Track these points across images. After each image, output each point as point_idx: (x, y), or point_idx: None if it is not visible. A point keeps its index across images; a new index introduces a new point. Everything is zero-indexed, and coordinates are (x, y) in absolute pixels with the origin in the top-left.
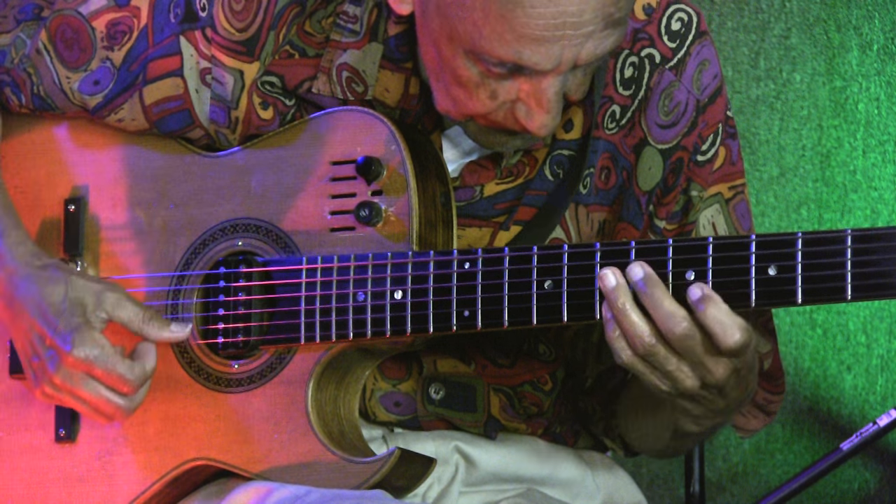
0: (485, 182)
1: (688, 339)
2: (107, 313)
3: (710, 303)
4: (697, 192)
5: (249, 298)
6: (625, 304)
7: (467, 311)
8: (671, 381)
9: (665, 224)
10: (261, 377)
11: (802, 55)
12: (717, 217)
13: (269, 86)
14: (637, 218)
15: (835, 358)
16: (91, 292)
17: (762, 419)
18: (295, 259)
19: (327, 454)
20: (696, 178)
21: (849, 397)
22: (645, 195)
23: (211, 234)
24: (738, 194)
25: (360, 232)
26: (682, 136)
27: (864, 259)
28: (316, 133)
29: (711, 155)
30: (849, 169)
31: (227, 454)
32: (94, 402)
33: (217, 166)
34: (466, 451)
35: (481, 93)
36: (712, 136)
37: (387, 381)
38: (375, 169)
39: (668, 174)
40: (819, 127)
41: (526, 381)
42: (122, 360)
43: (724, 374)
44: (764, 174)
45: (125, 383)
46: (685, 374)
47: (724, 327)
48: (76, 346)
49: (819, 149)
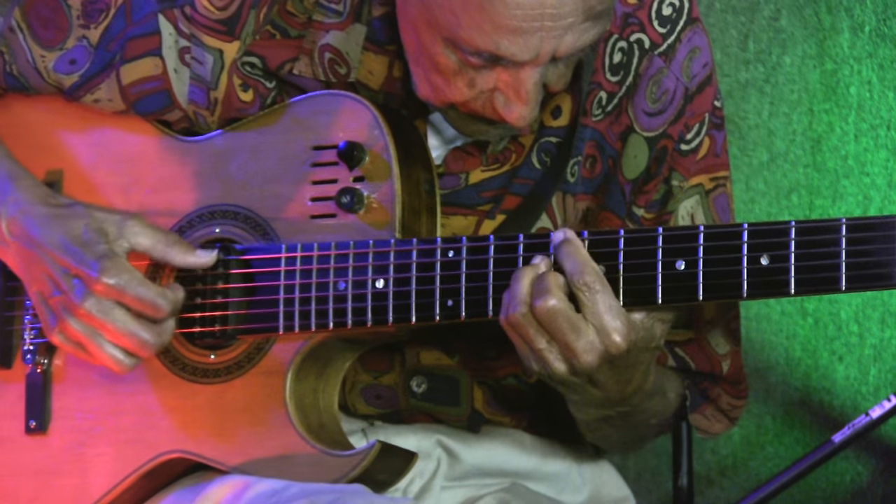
0: (470, 169)
1: (555, 316)
2: (128, 241)
3: (570, 246)
4: (678, 182)
5: (227, 287)
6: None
7: (451, 300)
8: (541, 362)
9: (643, 213)
10: (238, 368)
11: (793, 37)
12: (697, 209)
13: (249, 67)
14: (620, 206)
15: (826, 348)
16: (112, 221)
17: (725, 424)
18: (274, 247)
19: (306, 447)
20: (678, 168)
21: (841, 388)
22: (629, 183)
23: (188, 220)
24: (719, 187)
25: (341, 219)
26: (668, 125)
27: (858, 249)
28: (297, 117)
29: (696, 145)
30: (840, 154)
31: (204, 447)
32: (121, 335)
33: (195, 151)
34: (449, 444)
35: (459, 81)
36: (698, 125)
37: (368, 374)
38: (358, 154)
39: (651, 162)
40: (810, 111)
41: (511, 373)
42: (152, 284)
43: (592, 362)
44: (753, 160)
45: (158, 308)
46: (554, 355)
47: (578, 265)
48: (105, 272)
49: (810, 133)
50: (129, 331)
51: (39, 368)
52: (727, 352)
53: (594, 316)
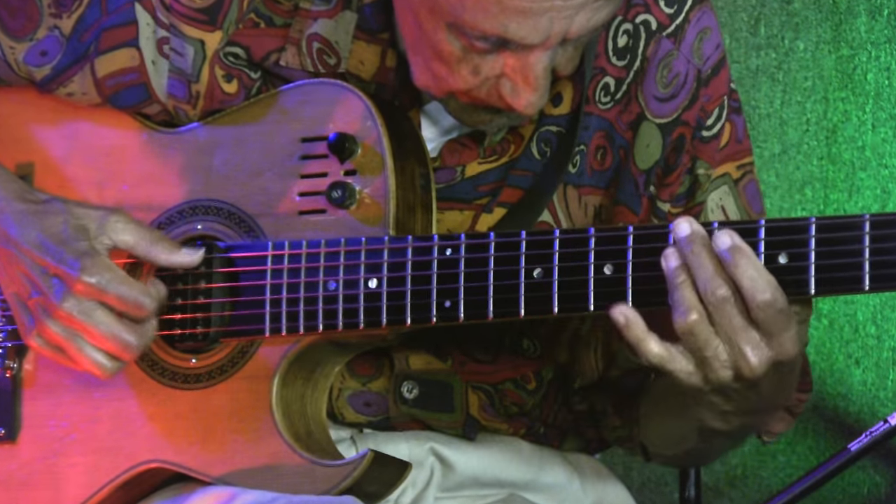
0: (466, 162)
1: (726, 303)
2: (110, 238)
3: (740, 254)
4: (704, 170)
5: (210, 287)
6: (701, 252)
7: (449, 301)
8: (705, 370)
9: (670, 207)
10: (221, 372)
11: (806, 21)
12: (727, 199)
13: (232, 58)
14: (633, 199)
15: (842, 351)
16: (93, 217)
17: (787, 421)
18: (260, 244)
19: (294, 456)
20: (701, 156)
21: (857, 393)
22: (642, 174)
23: (168, 216)
24: (746, 174)
25: (331, 215)
26: (682, 110)
27: (883, 246)
28: (284, 108)
29: (717, 130)
30: (857, 145)
31: (184, 456)
32: (103, 337)
33: (175, 143)
34: (443, 453)
35: (463, 68)
36: (717, 109)
37: (356, 379)
38: (349, 147)
39: (669, 153)
40: (824, 99)
41: (507, 378)
42: (135, 282)
43: (761, 366)
44: (765, 151)
45: (141, 306)
46: (721, 362)
47: (754, 282)
48: (85, 271)
49: (824, 123)
50: (112, 332)
51: (8, 373)
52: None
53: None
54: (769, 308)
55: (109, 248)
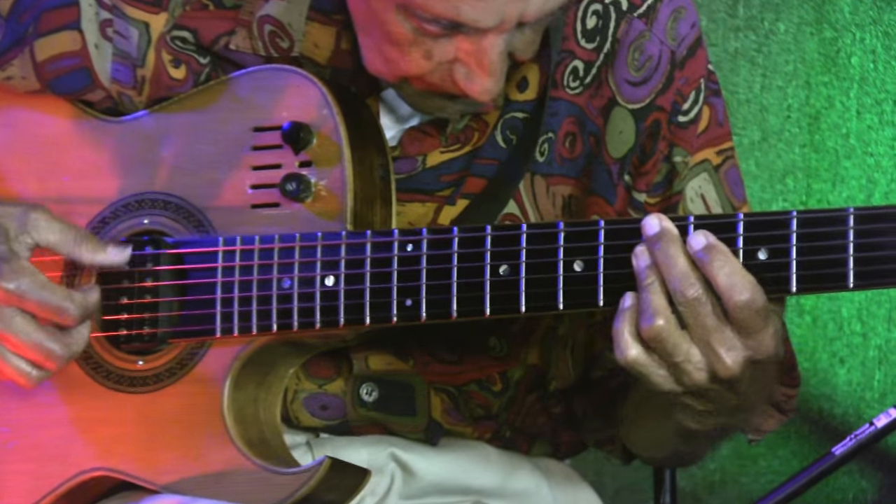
0: (428, 151)
1: (699, 304)
2: (32, 237)
3: (715, 252)
4: (682, 158)
5: (157, 285)
6: (670, 250)
7: (410, 299)
8: (678, 374)
9: (646, 197)
10: (170, 375)
11: (788, 2)
12: (707, 187)
13: (180, 42)
14: (608, 189)
15: (826, 349)
16: (12, 216)
17: (777, 418)
18: (210, 240)
19: (247, 463)
20: (679, 142)
21: (842, 394)
22: (616, 163)
23: (112, 210)
24: (727, 159)
25: (286, 208)
26: (656, 95)
27: (868, 242)
28: (236, 95)
29: (695, 115)
30: (841, 132)
31: (131, 464)
32: (25, 346)
33: (120, 133)
34: (404, 458)
35: (415, 52)
36: (694, 93)
37: (312, 381)
38: (304, 136)
39: (644, 139)
40: (807, 84)
41: (473, 379)
42: (58, 288)
43: (737, 365)
44: (744, 139)
45: (64, 313)
46: (694, 365)
47: (732, 282)
48: (3, 277)
49: (807, 109)
50: (33, 341)
51: None
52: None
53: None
54: (747, 309)
55: (31, 247)
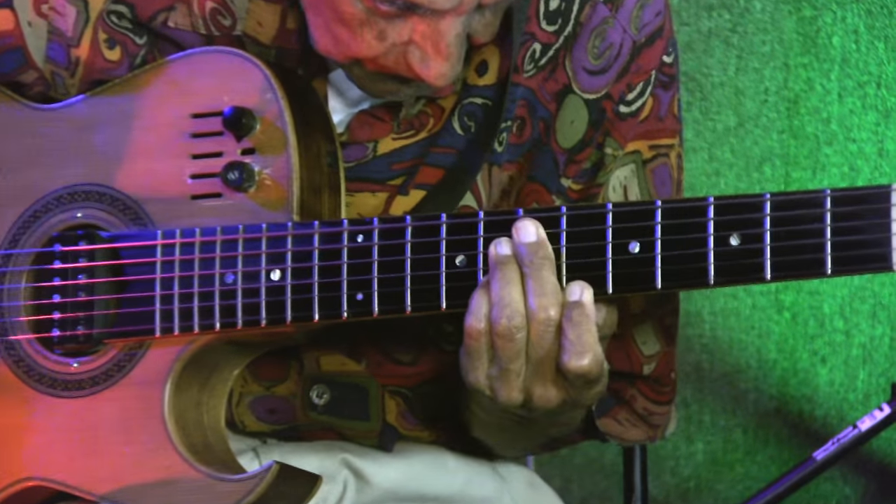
0: (379, 137)
1: (548, 330)
2: None
3: (581, 312)
4: (612, 150)
5: (92, 282)
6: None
7: (361, 293)
8: (494, 380)
9: (570, 183)
10: (107, 378)
11: None
12: (631, 180)
13: (116, 17)
14: (551, 178)
15: (807, 347)
16: None
17: (643, 431)
18: (148, 233)
19: (190, 471)
20: (613, 133)
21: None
22: (564, 153)
23: (44, 204)
24: (660, 156)
25: (228, 199)
26: (611, 85)
27: (846, 225)
28: (174, 79)
29: (637, 107)
30: (821, 117)
31: (67, 472)
32: None
33: (52, 121)
34: (357, 465)
35: (367, 33)
36: (642, 84)
37: (259, 384)
38: (247, 122)
39: (588, 127)
40: (785, 66)
41: (428, 380)
42: None
43: (551, 404)
44: (718, 124)
45: None
46: (517, 382)
47: (577, 346)
48: None
49: (785, 93)
50: None
51: None
52: (655, 352)
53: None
54: (579, 378)
55: None
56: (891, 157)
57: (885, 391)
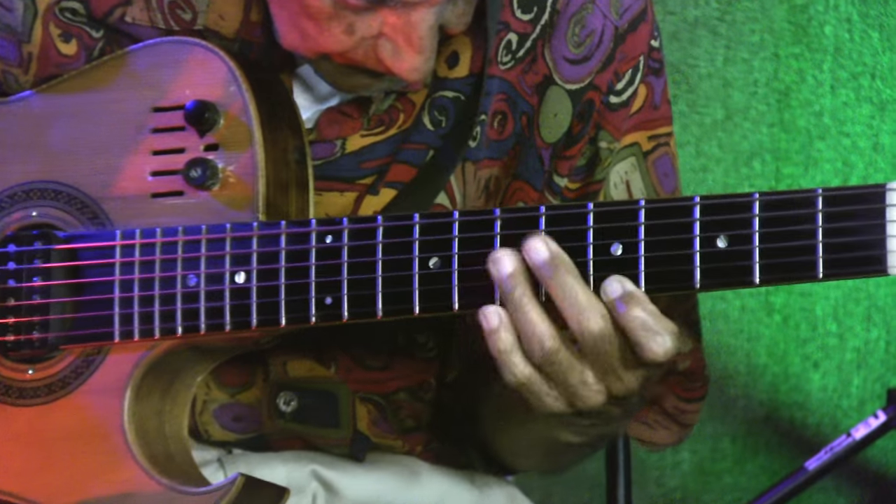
0: (348, 134)
1: (603, 342)
2: None
3: (633, 301)
4: (607, 144)
5: (47, 284)
6: (522, 297)
7: (330, 297)
8: (570, 397)
9: (567, 182)
10: (63, 386)
11: None
12: (633, 174)
13: (69, 13)
14: (537, 176)
15: (798, 352)
16: None
17: (675, 431)
18: (107, 233)
19: (150, 483)
20: (606, 125)
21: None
22: (548, 148)
23: None
24: (660, 146)
25: (190, 197)
26: (595, 74)
27: (839, 226)
28: (133, 72)
29: (628, 96)
30: (813, 110)
31: (22, 485)
32: None
33: (5, 116)
34: (327, 476)
35: (335, 26)
36: (630, 71)
37: (223, 391)
38: (210, 117)
39: (574, 120)
40: (775, 56)
41: (402, 387)
42: None
43: (634, 386)
44: (706, 117)
45: None
46: (590, 388)
47: (652, 333)
48: None
49: (775, 84)
50: None
51: None
52: (689, 349)
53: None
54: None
55: None
56: (886, 151)
57: (880, 397)
